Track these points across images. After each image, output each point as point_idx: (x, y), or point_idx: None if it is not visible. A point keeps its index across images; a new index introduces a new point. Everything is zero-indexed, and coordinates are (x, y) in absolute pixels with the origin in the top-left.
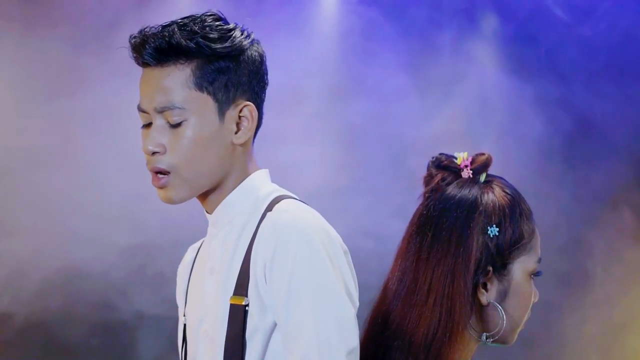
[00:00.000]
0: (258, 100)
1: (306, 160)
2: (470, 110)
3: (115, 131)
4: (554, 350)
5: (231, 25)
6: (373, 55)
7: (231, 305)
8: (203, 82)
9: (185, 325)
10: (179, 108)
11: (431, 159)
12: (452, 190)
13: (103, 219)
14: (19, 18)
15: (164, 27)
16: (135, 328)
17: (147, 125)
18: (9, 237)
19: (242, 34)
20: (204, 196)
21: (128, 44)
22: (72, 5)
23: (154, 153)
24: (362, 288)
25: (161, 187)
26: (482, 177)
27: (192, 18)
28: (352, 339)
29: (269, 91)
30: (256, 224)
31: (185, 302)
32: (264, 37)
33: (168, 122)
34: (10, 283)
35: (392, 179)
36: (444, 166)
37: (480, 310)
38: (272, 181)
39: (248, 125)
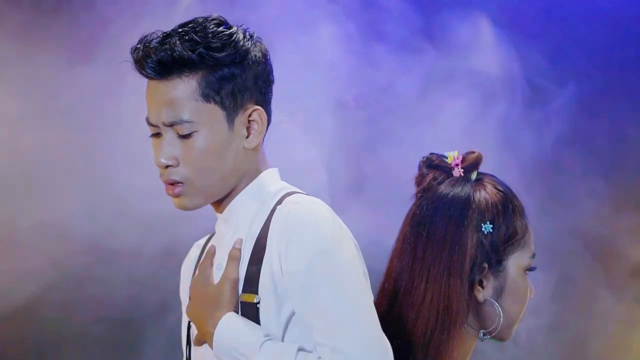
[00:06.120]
0: (265, 101)
1: (310, 160)
2: (473, 110)
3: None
4: None
5: (233, 29)
6: (376, 55)
7: (242, 302)
8: (210, 93)
9: (190, 322)
10: (188, 122)
11: (422, 159)
12: (444, 189)
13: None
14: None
15: (164, 38)
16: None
17: (156, 135)
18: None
19: (244, 37)
20: (217, 200)
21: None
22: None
23: (167, 166)
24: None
25: (175, 196)
26: (473, 175)
27: (194, 25)
28: (379, 327)
29: (277, 90)
30: (265, 219)
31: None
32: (264, 37)
33: (177, 133)
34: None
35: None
36: (435, 165)
37: (477, 307)
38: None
39: (258, 128)
